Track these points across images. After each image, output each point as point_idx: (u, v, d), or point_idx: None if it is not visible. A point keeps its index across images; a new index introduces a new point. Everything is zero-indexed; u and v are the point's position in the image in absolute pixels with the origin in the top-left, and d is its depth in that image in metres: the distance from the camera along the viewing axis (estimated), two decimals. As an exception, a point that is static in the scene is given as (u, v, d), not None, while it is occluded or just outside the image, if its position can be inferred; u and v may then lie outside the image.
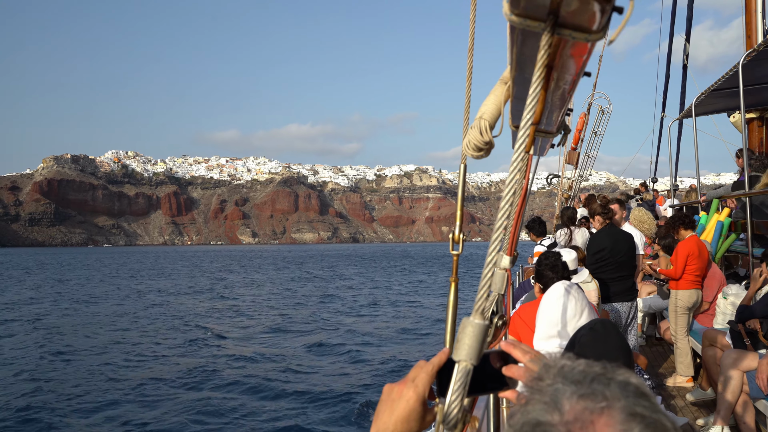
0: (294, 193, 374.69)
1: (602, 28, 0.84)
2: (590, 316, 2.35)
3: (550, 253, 3.04)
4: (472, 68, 1.14)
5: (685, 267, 5.09)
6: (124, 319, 18.56)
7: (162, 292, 28.90)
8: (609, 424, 0.51)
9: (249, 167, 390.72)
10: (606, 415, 0.52)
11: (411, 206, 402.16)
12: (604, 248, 4.72)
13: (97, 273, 47.74)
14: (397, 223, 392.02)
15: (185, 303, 23.60)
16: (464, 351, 0.84)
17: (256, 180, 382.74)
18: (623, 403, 0.53)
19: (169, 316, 19.36)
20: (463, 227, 1.15)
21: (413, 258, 71.40)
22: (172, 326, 16.90)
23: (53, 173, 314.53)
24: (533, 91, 0.88)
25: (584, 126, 9.47)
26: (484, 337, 0.85)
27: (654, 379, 2.51)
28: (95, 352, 13.05)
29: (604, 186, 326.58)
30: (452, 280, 1.06)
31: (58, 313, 20.10)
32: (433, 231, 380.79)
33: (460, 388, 0.83)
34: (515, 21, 0.84)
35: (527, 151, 0.89)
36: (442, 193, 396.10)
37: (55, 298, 25.42)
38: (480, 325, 0.85)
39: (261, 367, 11.46)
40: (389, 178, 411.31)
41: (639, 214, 7.25)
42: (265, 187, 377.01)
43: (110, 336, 15.06)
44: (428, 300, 23.47)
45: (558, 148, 2.16)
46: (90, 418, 8.37)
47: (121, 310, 20.80)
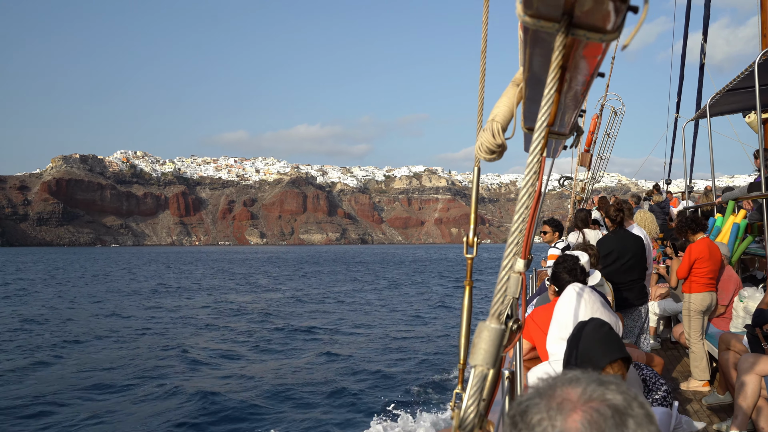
0: (302, 194, 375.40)
1: (617, 28, 0.83)
2: (605, 319, 2.32)
3: (568, 256, 3.01)
4: (484, 70, 1.13)
5: (693, 268, 5.03)
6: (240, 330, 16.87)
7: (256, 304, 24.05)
8: (575, 388, 0.65)
9: (257, 168, 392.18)
10: (574, 383, 0.65)
11: (420, 207, 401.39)
12: (611, 251, 4.65)
13: (145, 279, 40.86)
14: (406, 224, 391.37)
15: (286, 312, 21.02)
16: (480, 356, 0.83)
17: (265, 180, 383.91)
18: (594, 381, 0.65)
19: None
20: (481, 230, 1.14)
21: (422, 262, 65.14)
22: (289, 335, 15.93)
23: (62, 173, 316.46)
24: (547, 93, 0.87)
25: (597, 128, 9.40)
26: (501, 341, 0.85)
27: (669, 383, 2.48)
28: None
29: (615, 188, 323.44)
30: (466, 283, 1.06)
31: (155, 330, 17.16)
32: (443, 232, 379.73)
33: (476, 392, 0.83)
34: (529, 22, 0.83)
35: (542, 153, 0.88)
36: (452, 195, 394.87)
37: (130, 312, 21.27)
38: (496, 329, 0.84)
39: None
40: (398, 179, 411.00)
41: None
42: (274, 188, 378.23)
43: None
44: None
45: (570, 150, 2.14)
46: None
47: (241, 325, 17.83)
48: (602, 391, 0.63)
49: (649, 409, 0.63)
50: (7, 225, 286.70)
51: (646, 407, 0.63)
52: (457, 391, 1.08)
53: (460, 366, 1.11)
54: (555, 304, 2.57)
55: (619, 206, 4.86)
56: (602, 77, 1.06)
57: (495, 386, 0.93)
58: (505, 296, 0.89)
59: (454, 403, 1.06)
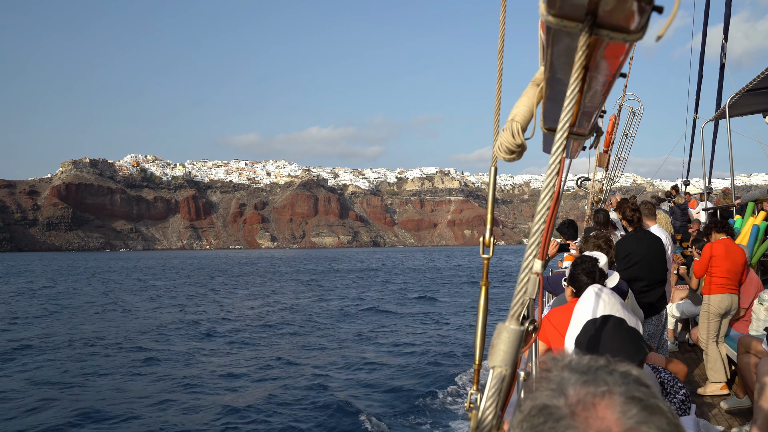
0: (314, 197, 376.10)
1: (641, 28, 0.82)
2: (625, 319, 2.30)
3: (587, 257, 2.96)
4: (502, 70, 1.13)
5: (710, 268, 4.94)
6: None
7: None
8: (609, 406, 0.56)
9: (268, 170, 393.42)
10: (607, 398, 0.57)
11: (433, 209, 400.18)
12: (629, 253, 4.56)
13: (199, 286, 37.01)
14: (418, 226, 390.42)
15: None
16: (499, 357, 0.83)
17: (276, 183, 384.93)
18: (623, 388, 0.57)
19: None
20: (495, 232, 1.14)
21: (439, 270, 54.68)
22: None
23: (71, 177, 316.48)
24: (570, 93, 0.86)
25: (615, 128, 9.31)
26: (520, 342, 0.84)
27: (687, 387, 2.43)
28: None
29: (630, 188, 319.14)
30: (483, 283, 1.05)
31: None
32: (456, 234, 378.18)
33: (495, 394, 0.82)
34: (552, 21, 0.83)
35: (563, 154, 0.88)
36: (465, 196, 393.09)
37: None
38: (516, 330, 0.83)
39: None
40: (410, 180, 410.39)
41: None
42: (285, 191, 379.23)
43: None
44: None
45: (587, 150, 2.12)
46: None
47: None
48: (647, 418, 0.55)
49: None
50: (16, 230, 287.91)
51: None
52: (472, 392, 1.07)
53: (475, 367, 1.11)
54: (572, 306, 2.55)
55: (635, 206, 4.77)
56: (624, 77, 1.05)
57: (510, 387, 0.93)
58: (525, 297, 0.88)
59: (469, 404, 1.05)
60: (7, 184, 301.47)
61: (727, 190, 10.82)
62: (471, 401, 1.00)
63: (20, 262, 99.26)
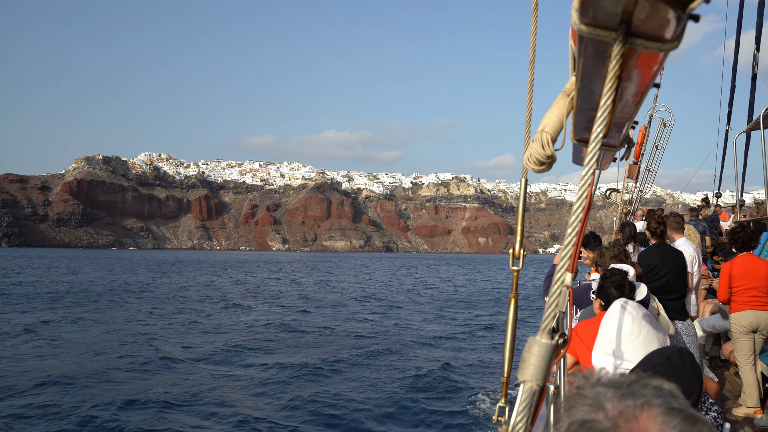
0: (327, 200, 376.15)
1: (677, 37, 0.81)
2: (651, 334, 2.27)
3: (616, 270, 2.94)
4: (533, 81, 1.12)
5: (731, 287, 4.84)
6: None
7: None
8: (650, 417, 0.56)
9: (282, 172, 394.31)
10: (647, 410, 0.57)
11: (447, 216, 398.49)
12: (652, 266, 4.50)
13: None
14: (432, 232, 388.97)
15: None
16: (530, 371, 0.82)
17: (289, 185, 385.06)
18: (660, 400, 0.58)
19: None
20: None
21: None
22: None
23: (84, 174, 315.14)
24: (604, 104, 0.85)
25: (645, 139, 9.17)
26: (551, 357, 0.83)
27: (720, 404, 2.38)
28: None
29: (649, 199, 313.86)
30: (512, 296, 1.04)
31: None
32: (470, 242, 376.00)
33: (525, 408, 0.81)
34: (585, 30, 0.82)
35: (597, 165, 0.87)
36: (480, 203, 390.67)
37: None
38: (547, 345, 0.82)
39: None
40: (425, 186, 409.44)
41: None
42: (298, 193, 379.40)
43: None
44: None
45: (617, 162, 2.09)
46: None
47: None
48: (689, 427, 0.56)
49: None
50: (26, 225, 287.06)
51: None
52: (501, 404, 1.06)
53: (503, 380, 1.10)
54: (600, 319, 2.52)
55: (661, 219, 4.72)
56: (658, 88, 1.03)
57: (540, 401, 0.92)
58: (556, 310, 0.87)
59: (497, 417, 1.04)
60: (19, 178, 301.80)
61: (761, 202, 10.60)
62: (499, 414, 0.99)
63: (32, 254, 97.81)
